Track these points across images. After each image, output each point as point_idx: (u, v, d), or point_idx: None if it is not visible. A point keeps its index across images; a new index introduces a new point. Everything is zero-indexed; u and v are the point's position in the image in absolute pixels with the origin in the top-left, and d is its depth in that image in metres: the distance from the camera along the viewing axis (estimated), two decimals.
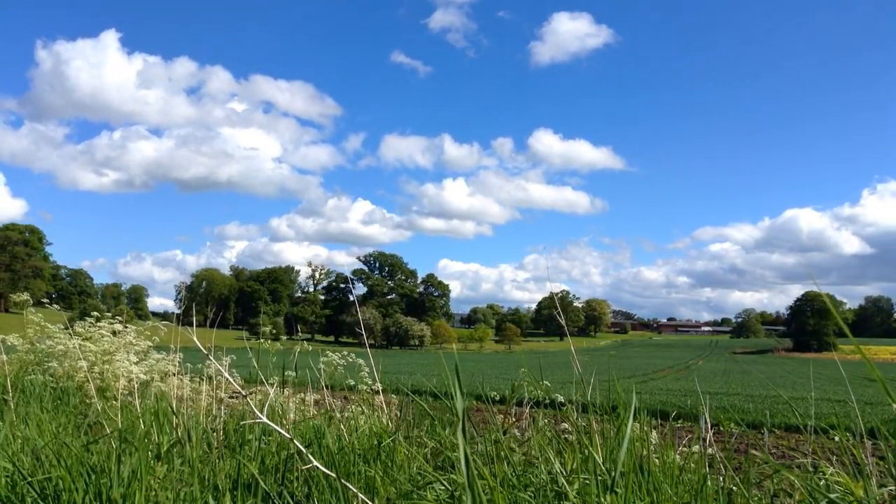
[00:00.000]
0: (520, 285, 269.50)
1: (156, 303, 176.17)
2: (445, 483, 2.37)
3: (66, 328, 7.40)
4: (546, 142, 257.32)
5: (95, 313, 7.70)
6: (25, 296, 7.91)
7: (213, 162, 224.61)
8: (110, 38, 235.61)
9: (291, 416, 4.57)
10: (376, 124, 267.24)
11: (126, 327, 7.53)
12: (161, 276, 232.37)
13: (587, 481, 2.15)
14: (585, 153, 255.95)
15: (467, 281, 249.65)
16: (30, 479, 2.72)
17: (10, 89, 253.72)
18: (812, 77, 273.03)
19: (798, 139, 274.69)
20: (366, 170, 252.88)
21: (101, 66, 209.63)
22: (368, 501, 2.41)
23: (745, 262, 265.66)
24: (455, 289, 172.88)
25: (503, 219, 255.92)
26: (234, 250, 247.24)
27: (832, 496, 2.23)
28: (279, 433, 2.86)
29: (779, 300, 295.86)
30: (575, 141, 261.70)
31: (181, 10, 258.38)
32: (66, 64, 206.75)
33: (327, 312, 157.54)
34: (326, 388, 5.03)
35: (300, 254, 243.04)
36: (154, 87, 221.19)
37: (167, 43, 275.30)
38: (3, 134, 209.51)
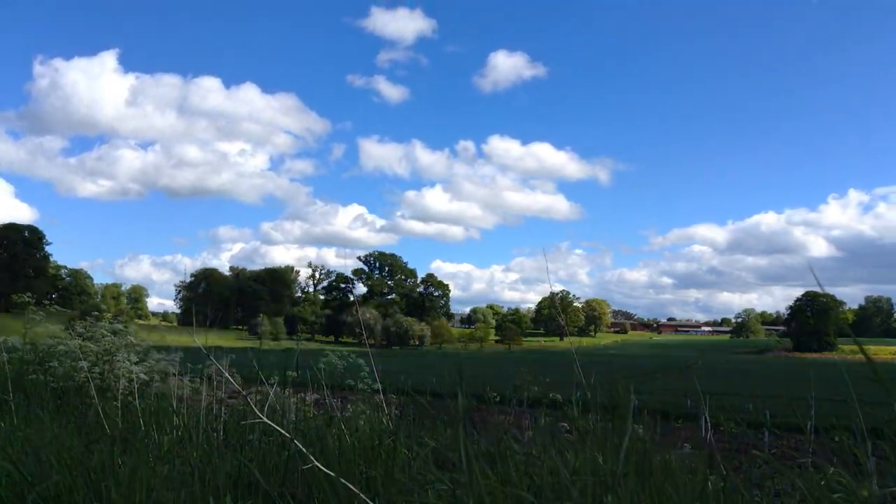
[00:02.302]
0: (512, 286, 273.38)
1: (154, 303, 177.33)
2: (447, 482, 2.37)
3: (67, 328, 7.40)
4: (503, 146, 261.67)
5: (96, 313, 7.71)
6: (27, 297, 7.91)
7: (203, 171, 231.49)
8: (105, 56, 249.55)
9: (292, 415, 4.57)
10: (355, 133, 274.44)
11: (127, 327, 7.53)
12: (159, 277, 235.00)
13: (590, 481, 2.15)
14: (548, 156, 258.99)
15: (459, 281, 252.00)
16: (30, 479, 2.72)
17: (10, 103, 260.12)
18: (770, 83, 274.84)
19: (760, 143, 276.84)
20: (350, 179, 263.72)
21: (95, 83, 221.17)
22: (369, 501, 2.41)
23: (721, 263, 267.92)
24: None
25: (487, 223, 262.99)
26: (230, 252, 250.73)
27: (834, 496, 2.23)
28: (280, 433, 2.86)
29: (766, 301, 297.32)
30: (536, 144, 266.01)
31: (172, 26, 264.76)
32: (62, 80, 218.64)
33: (327, 312, 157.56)
34: (327, 388, 5.03)
35: (292, 255, 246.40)
36: (144, 102, 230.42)
37: (158, 59, 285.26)
38: (4, 145, 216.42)
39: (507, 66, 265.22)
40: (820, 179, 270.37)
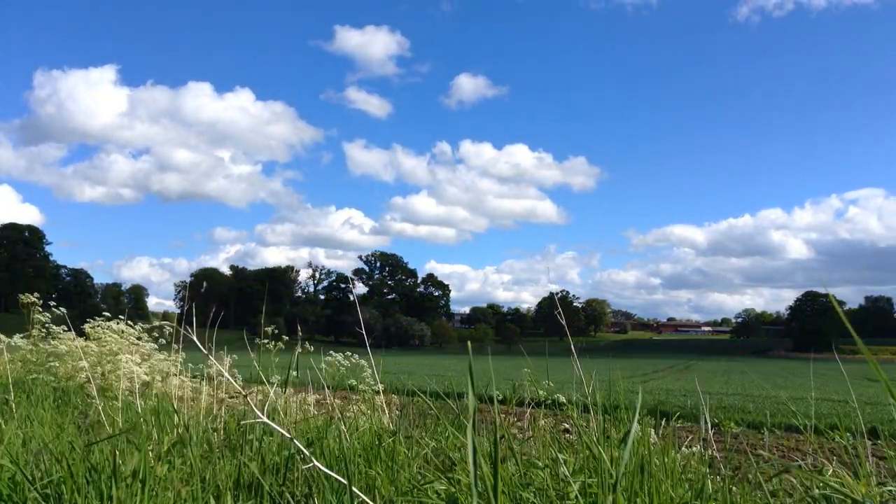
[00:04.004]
0: (506, 286, 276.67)
1: (152, 303, 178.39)
2: (447, 482, 2.38)
3: (69, 328, 7.41)
4: (474, 150, 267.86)
5: (106, 314, 7.71)
6: (34, 297, 7.91)
7: (196, 176, 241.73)
8: (102, 68, 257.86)
9: (293, 415, 4.57)
10: (342, 140, 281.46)
11: (132, 327, 7.53)
12: (158, 277, 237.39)
13: (590, 481, 2.16)
14: (525, 161, 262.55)
15: (454, 282, 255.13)
16: (31, 479, 2.72)
17: (14, 112, 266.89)
18: (736, 88, 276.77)
19: (733, 146, 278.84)
20: (340, 185, 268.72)
21: (92, 94, 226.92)
22: (369, 501, 2.41)
23: (704, 264, 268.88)
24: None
25: (478, 225, 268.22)
26: (227, 253, 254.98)
27: (836, 496, 2.24)
28: (280, 433, 2.86)
29: (757, 301, 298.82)
30: (511, 147, 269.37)
31: (166, 37, 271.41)
32: (61, 92, 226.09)
33: (327, 312, 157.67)
34: (327, 388, 5.03)
35: (284, 257, 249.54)
36: (139, 111, 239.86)
37: (153, 69, 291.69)
38: (6, 151, 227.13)
39: (469, 86, 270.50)
40: (794, 182, 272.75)
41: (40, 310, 7.88)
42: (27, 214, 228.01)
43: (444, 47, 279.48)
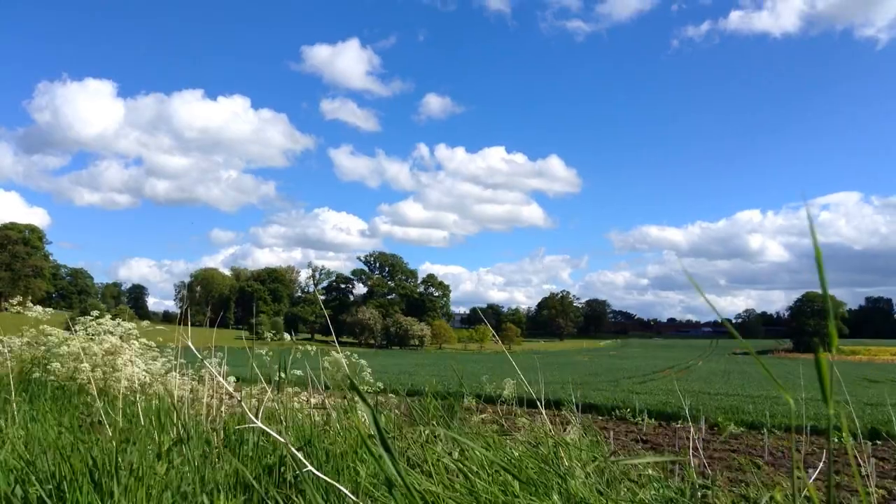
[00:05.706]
0: (501, 287, 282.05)
1: (152, 303, 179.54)
2: (402, 483, 2.44)
3: (68, 328, 7.47)
4: (448, 155, 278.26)
5: (96, 312, 7.76)
6: (39, 310, 7.96)
7: (191, 181, 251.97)
8: (100, 79, 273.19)
9: (288, 417, 4.64)
10: (330, 148, 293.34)
11: (129, 330, 7.58)
12: (157, 278, 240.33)
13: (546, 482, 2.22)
14: (497, 161, 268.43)
15: (449, 283, 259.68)
16: (35, 478, 2.79)
17: (15, 121, 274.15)
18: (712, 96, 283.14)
19: (709, 148, 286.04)
20: (329, 190, 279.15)
21: (91, 104, 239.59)
22: (359, 501, 2.48)
23: (688, 266, 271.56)
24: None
25: (468, 229, 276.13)
26: (224, 254, 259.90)
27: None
28: (275, 438, 2.93)
29: (749, 303, 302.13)
30: (487, 150, 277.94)
31: (161, 44, 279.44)
32: (60, 102, 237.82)
33: (328, 313, 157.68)
34: (322, 388, 5.10)
35: (279, 258, 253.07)
36: (136, 119, 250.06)
37: (148, 77, 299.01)
38: (9, 158, 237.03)
39: (437, 105, 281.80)
40: (770, 188, 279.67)
41: (39, 310, 7.94)
42: (36, 217, 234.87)
43: (412, 70, 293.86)
